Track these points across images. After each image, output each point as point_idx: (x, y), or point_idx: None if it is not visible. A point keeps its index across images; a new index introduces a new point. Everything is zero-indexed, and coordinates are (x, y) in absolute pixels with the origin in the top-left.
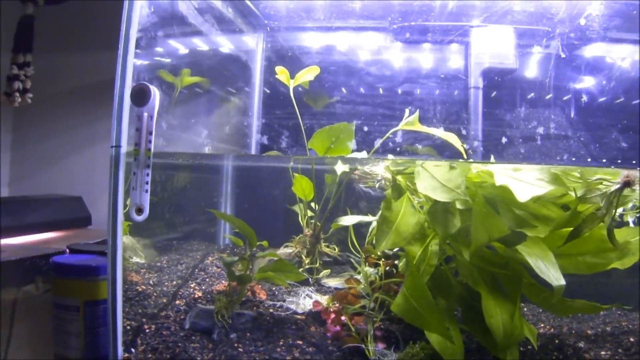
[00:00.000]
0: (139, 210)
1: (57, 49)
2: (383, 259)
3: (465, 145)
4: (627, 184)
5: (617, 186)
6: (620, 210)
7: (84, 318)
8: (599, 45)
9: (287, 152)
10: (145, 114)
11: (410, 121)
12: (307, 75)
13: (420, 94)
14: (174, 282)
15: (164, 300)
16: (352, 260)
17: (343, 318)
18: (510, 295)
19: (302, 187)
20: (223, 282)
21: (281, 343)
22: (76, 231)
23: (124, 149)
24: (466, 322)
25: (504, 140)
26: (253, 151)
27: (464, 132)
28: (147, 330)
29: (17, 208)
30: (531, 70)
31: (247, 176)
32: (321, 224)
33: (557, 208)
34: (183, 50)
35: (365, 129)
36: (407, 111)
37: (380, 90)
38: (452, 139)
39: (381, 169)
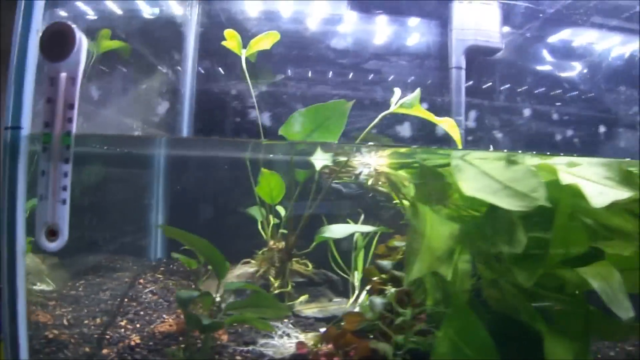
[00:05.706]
0: (52, 233)
1: None
2: (390, 284)
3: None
4: None
5: None
6: None
7: None
8: None
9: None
10: (64, 75)
11: (408, 102)
12: (264, 42)
13: (388, 73)
14: (98, 320)
15: (87, 350)
16: (333, 279)
17: None
18: (574, 331)
19: (270, 186)
20: (164, 316)
21: None
22: None
23: (27, 130)
24: None
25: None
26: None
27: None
28: None
29: None
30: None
31: (183, 170)
32: (296, 236)
33: (631, 217)
34: (91, 13)
35: None
36: (396, 90)
37: (341, 68)
38: (451, 126)
39: (372, 161)
